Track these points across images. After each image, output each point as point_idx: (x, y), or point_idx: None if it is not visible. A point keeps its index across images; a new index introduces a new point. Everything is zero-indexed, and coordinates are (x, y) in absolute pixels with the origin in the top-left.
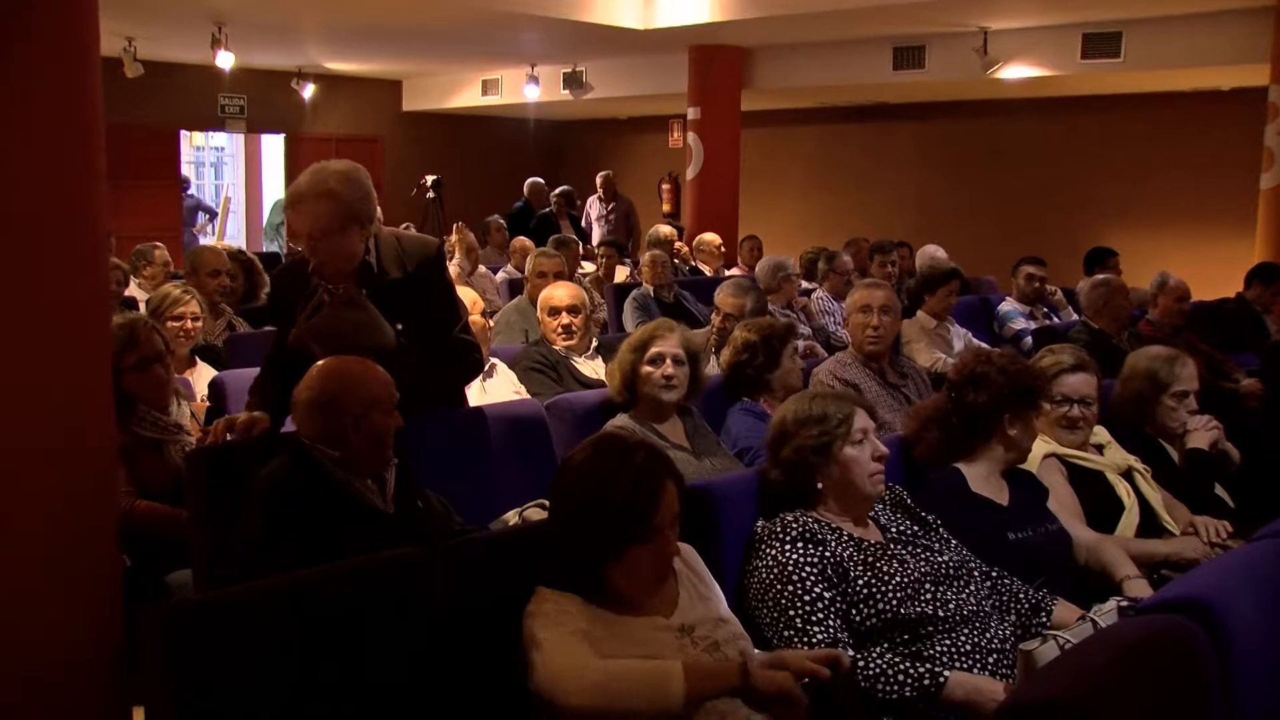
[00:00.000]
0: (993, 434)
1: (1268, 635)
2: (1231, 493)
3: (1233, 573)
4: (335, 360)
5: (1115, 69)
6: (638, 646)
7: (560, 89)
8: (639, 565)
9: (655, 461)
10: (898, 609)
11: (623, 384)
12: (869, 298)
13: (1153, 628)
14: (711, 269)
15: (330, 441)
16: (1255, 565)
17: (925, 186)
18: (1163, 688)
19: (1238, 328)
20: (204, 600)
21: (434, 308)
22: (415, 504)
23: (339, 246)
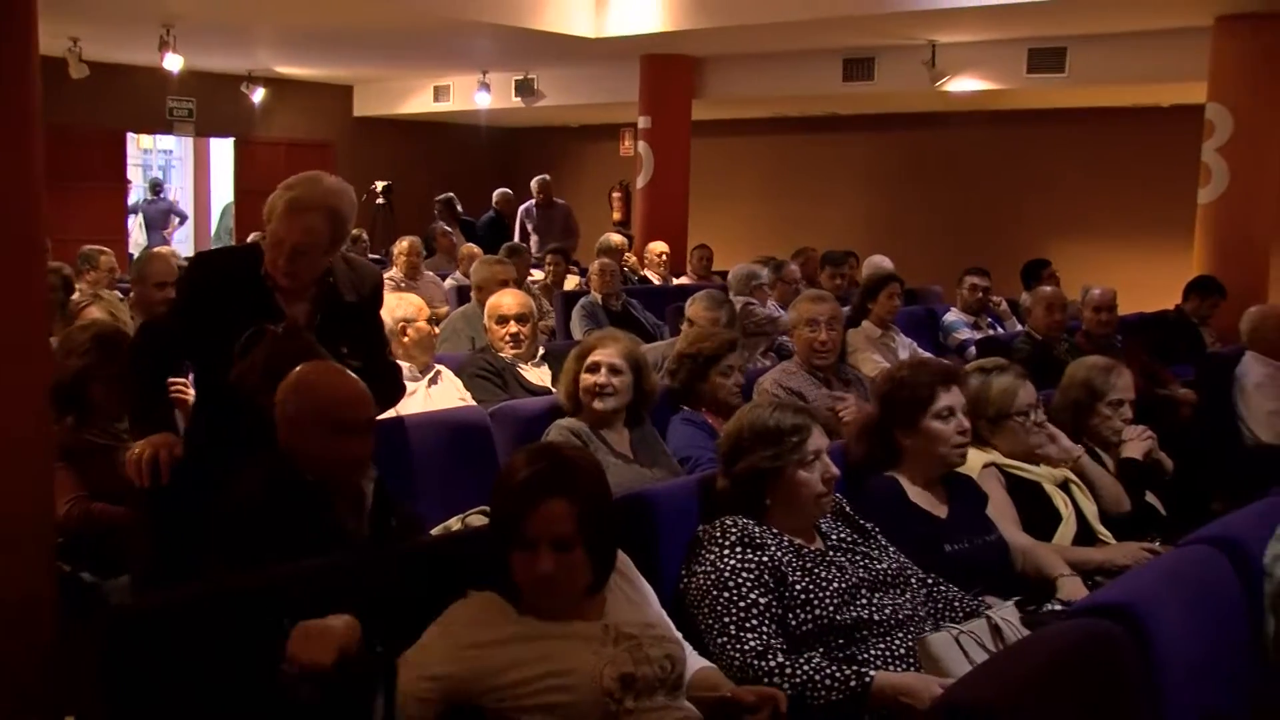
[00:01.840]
0: (898, 444)
1: (1191, 638)
2: (1163, 501)
3: (1158, 578)
4: (313, 370)
5: (1060, 84)
6: (554, 647)
7: (512, 96)
8: (522, 572)
9: (545, 478)
10: (834, 614)
11: (566, 392)
12: (816, 311)
13: (1079, 632)
14: (658, 278)
15: (302, 456)
16: (1181, 571)
17: (874, 197)
18: (1089, 690)
19: (1176, 339)
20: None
21: (376, 331)
22: (389, 523)
23: (318, 264)
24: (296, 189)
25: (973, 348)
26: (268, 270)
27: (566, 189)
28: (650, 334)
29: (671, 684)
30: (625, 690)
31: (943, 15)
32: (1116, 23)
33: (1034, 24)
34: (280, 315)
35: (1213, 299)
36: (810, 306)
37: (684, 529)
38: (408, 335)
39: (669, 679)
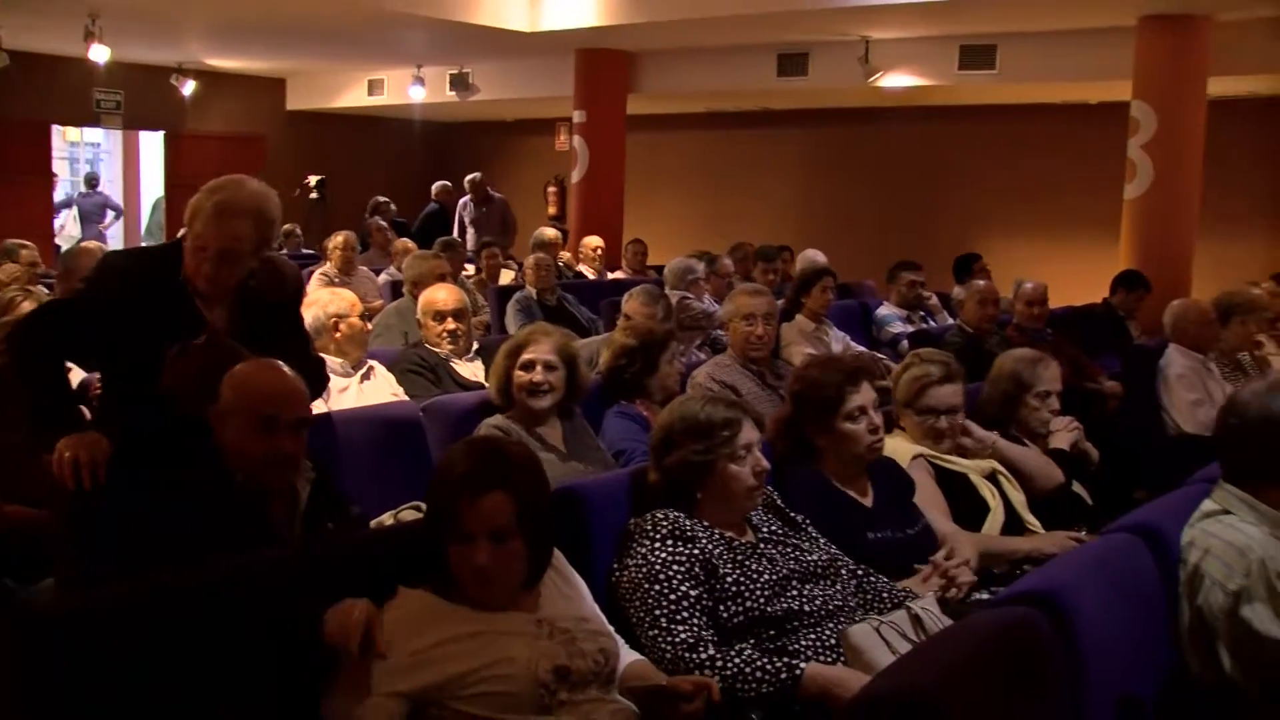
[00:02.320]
0: (813, 443)
1: (1112, 624)
2: (1090, 490)
3: (1081, 566)
4: (250, 366)
5: (990, 80)
6: (491, 639)
7: (446, 90)
8: (460, 566)
9: (483, 471)
10: (764, 606)
11: (497, 388)
12: (753, 306)
13: (1003, 619)
14: (593, 272)
15: (233, 454)
16: (1102, 558)
17: (808, 192)
18: (1011, 676)
19: (1103, 332)
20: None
21: (298, 329)
22: (326, 524)
23: (244, 269)
24: (221, 193)
25: (905, 341)
26: (188, 275)
27: (502, 184)
28: (585, 329)
29: (605, 677)
30: (560, 682)
31: (876, 12)
32: (1045, 21)
33: (965, 21)
34: (200, 319)
35: (1138, 293)
36: (747, 301)
37: (615, 522)
38: (340, 331)
39: (602, 672)
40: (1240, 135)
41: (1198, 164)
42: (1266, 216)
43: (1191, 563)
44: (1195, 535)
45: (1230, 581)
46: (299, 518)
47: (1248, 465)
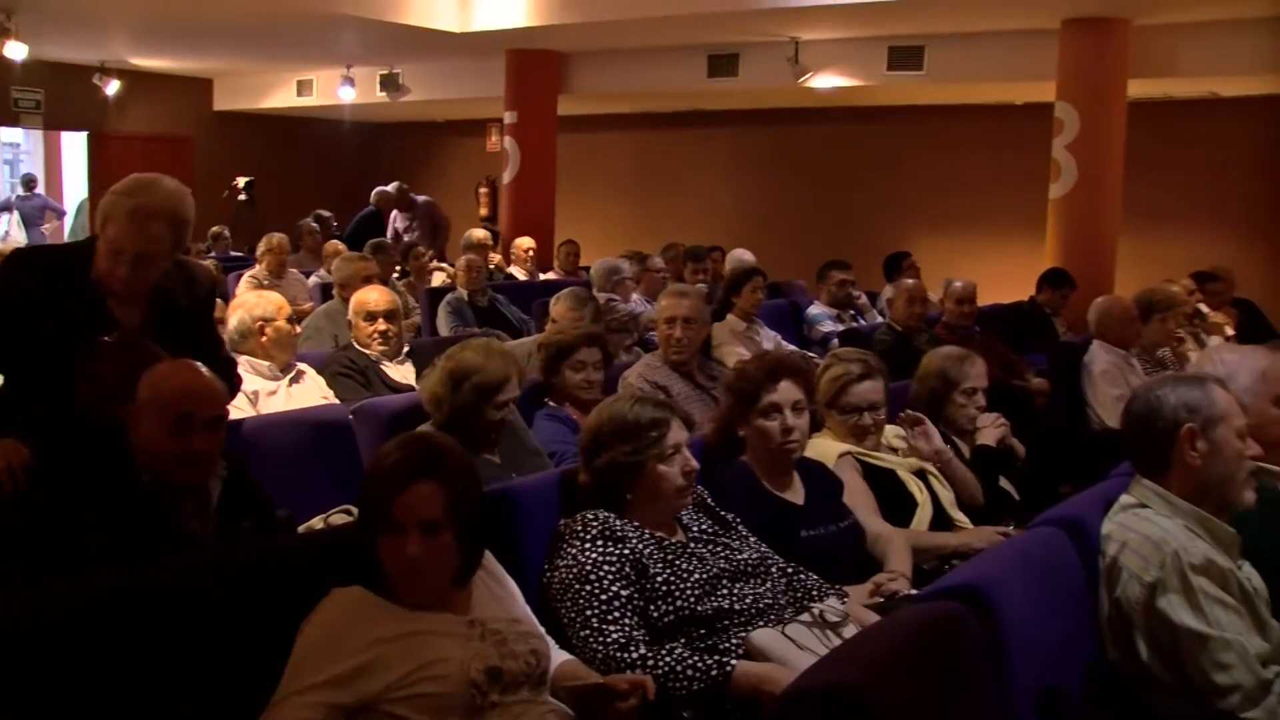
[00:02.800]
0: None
1: (1036, 617)
2: (1017, 485)
3: (1006, 560)
4: (165, 366)
5: (918, 81)
6: (424, 640)
7: (377, 91)
8: (390, 560)
9: (413, 462)
10: (695, 605)
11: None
12: (674, 309)
13: (929, 614)
14: (525, 273)
15: (145, 453)
16: (1027, 552)
17: (740, 192)
18: (938, 669)
19: (1030, 329)
20: None
21: (210, 331)
22: (242, 524)
23: (160, 270)
24: (138, 195)
25: (836, 340)
26: (100, 275)
27: (433, 185)
28: (517, 330)
29: (536, 679)
30: (492, 683)
31: (805, 13)
32: (971, 23)
33: (893, 23)
34: (111, 320)
35: (1064, 290)
36: (669, 303)
37: (546, 523)
38: (266, 335)
39: (534, 674)
40: (1160, 136)
41: (1119, 164)
42: (1186, 215)
43: (1110, 555)
44: (1113, 529)
45: (1146, 573)
46: (211, 516)
47: (1144, 457)
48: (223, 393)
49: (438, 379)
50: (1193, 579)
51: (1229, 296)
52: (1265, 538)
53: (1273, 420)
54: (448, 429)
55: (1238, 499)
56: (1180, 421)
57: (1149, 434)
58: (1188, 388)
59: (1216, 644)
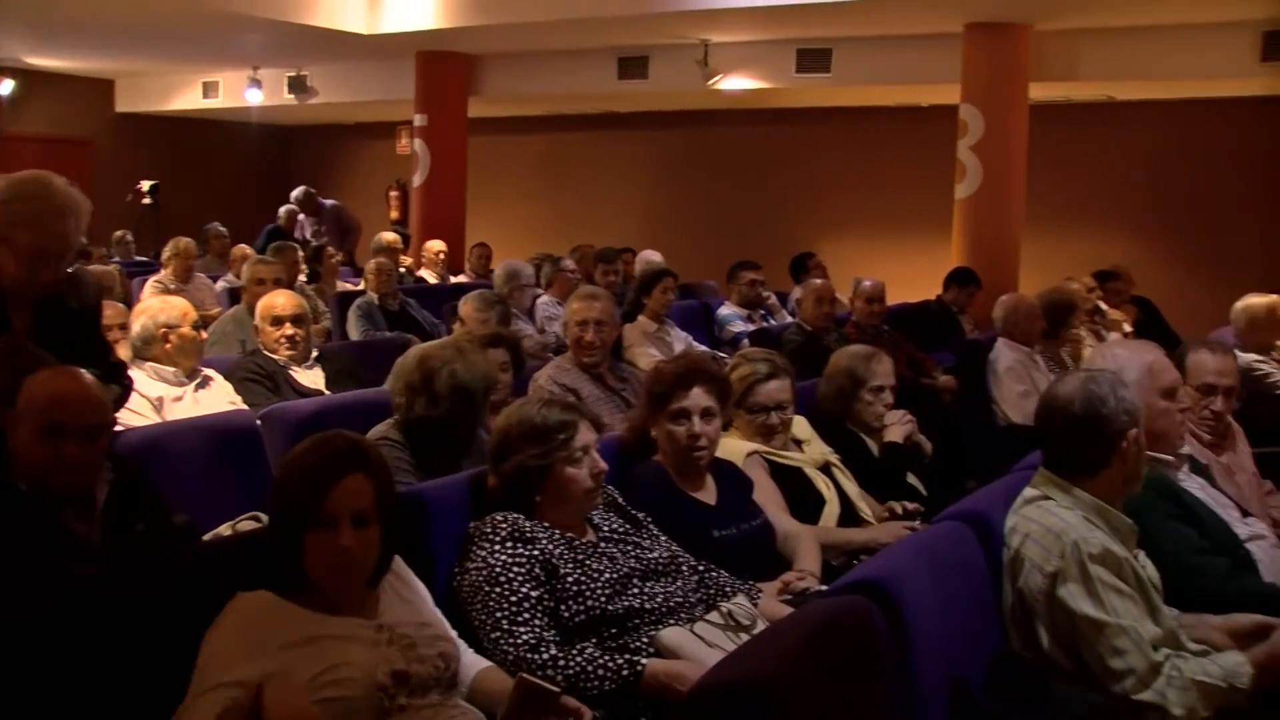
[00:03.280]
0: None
1: (940, 609)
2: (924, 481)
3: (910, 555)
4: (45, 373)
5: (826, 83)
6: (330, 644)
7: (284, 93)
8: (318, 555)
9: (343, 455)
10: (605, 604)
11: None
12: (585, 311)
13: (835, 609)
14: (436, 276)
15: (21, 460)
16: (931, 547)
17: (651, 194)
18: (845, 662)
19: (937, 327)
20: None
21: (98, 336)
22: (134, 529)
23: (65, 267)
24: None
25: (746, 340)
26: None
27: (343, 188)
28: (428, 333)
29: (446, 683)
30: (399, 686)
31: (714, 15)
32: (877, 26)
33: (801, 25)
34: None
35: (970, 289)
36: (580, 306)
37: (455, 526)
38: (170, 341)
39: (443, 678)
40: (1061, 138)
41: (1022, 164)
42: (1086, 215)
43: (1013, 547)
44: (1017, 521)
45: (1047, 564)
46: (97, 519)
47: (1065, 456)
48: (102, 401)
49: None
50: (1091, 568)
51: (1128, 295)
52: (1156, 526)
53: (1160, 412)
54: (428, 433)
55: (1136, 490)
56: (1124, 427)
57: (1091, 437)
58: (1123, 389)
59: (1112, 630)
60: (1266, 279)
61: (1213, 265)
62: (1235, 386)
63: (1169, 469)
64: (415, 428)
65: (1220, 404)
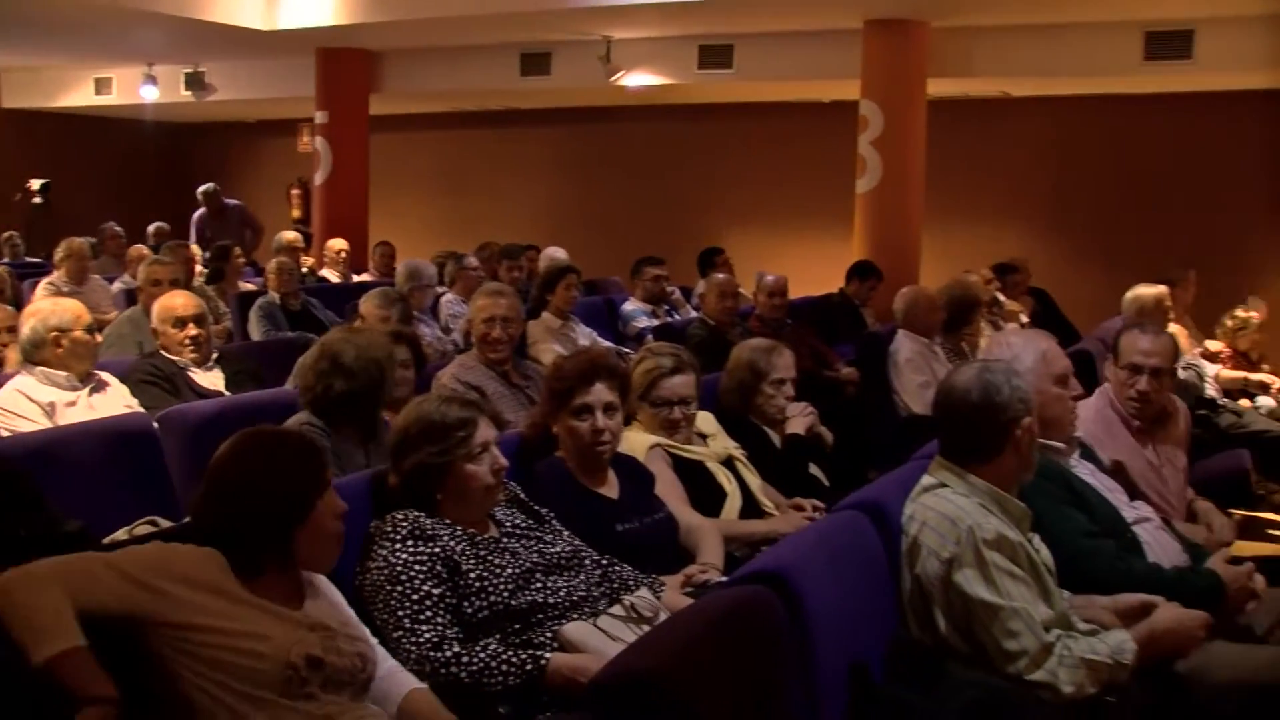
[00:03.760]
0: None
1: (839, 597)
2: (827, 472)
3: (809, 544)
4: None
5: (728, 79)
6: (253, 611)
7: (181, 90)
8: (310, 543)
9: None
10: (508, 600)
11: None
12: (491, 308)
13: (734, 599)
14: (338, 275)
15: None
16: (829, 536)
17: (556, 190)
18: (744, 652)
19: (840, 320)
20: None
21: None
22: (17, 533)
23: None
24: None
25: (650, 335)
26: None
27: (244, 186)
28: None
29: (361, 685)
30: (312, 671)
31: (616, 12)
32: (778, 23)
33: (703, 22)
34: None
35: (871, 282)
36: (486, 303)
37: (357, 526)
38: (62, 345)
39: (359, 678)
40: (958, 133)
41: (921, 159)
42: (984, 208)
43: (911, 534)
44: (915, 509)
45: (944, 550)
46: None
47: (961, 443)
48: None
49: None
50: (986, 554)
51: (1025, 287)
52: (1047, 511)
53: (1053, 399)
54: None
55: (1030, 477)
56: (1018, 415)
57: (986, 425)
58: (1018, 378)
59: (1006, 613)
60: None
61: (1104, 257)
62: (1165, 369)
63: (1060, 455)
64: (333, 406)
65: (1145, 384)
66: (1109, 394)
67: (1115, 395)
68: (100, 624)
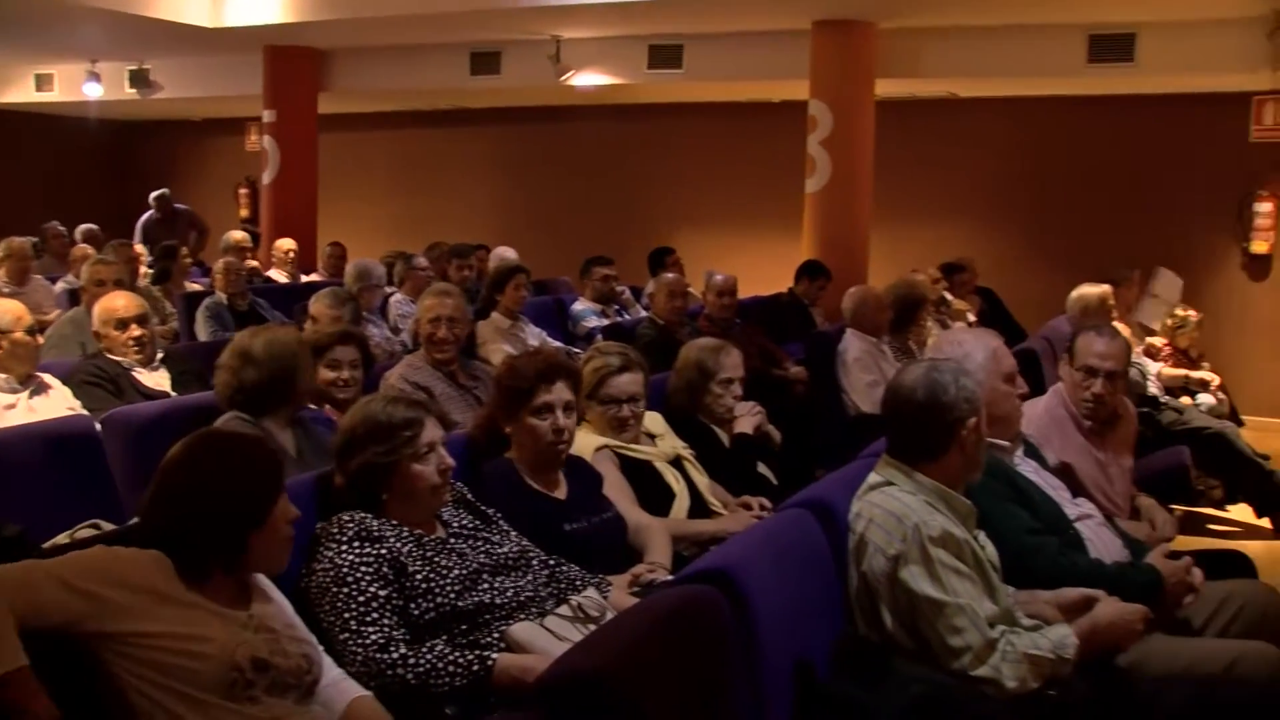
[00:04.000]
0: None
1: (784, 596)
2: (775, 471)
3: (754, 543)
4: None
5: (678, 79)
6: (197, 612)
7: (126, 87)
8: (264, 548)
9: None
10: (455, 601)
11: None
12: (438, 309)
13: (680, 598)
14: (286, 275)
15: None
16: (775, 534)
17: (506, 190)
18: (689, 650)
19: (789, 319)
20: None
21: None
22: None
23: None
24: None
25: (600, 335)
26: None
27: (191, 186)
28: None
29: (305, 688)
30: (256, 673)
31: (566, 11)
32: (727, 23)
33: (653, 22)
34: None
35: (820, 281)
36: (432, 303)
37: (303, 527)
38: (2, 347)
39: (304, 681)
40: (907, 133)
41: (870, 159)
42: (932, 208)
43: (858, 531)
44: (862, 506)
45: (890, 547)
46: None
47: (908, 441)
48: None
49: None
50: (931, 550)
51: (972, 286)
52: (991, 508)
53: (1002, 396)
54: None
55: (976, 477)
56: (964, 415)
57: (932, 423)
58: (965, 378)
59: (951, 610)
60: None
61: (1050, 256)
62: (1119, 372)
63: (1004, 453)
64: (251, 397)
65: (1099, 387)
66: (1062, 394)
67: (1069, 396)
68: (40, 632)
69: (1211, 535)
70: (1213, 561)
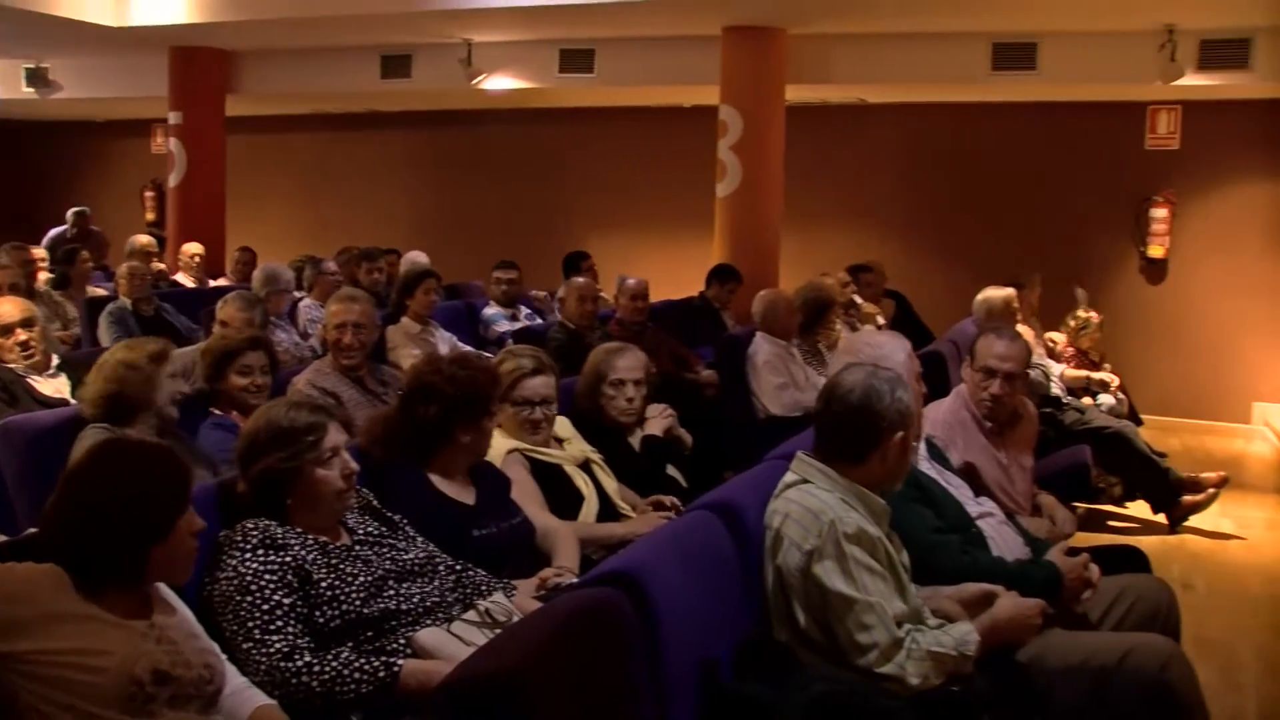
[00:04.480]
0: (448, 442)
1: (689, 596)
2: (685, 473)
3: (659, 545)
4: None
5: (590, 84)
6: (94, 625)
7: (23, 87)
8: (166, 561)
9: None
10: (361, 608)
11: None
12: (344, 314)
13: (584, 601)
14: (193, 280)
15: None
16: (680, 536)
17: (416, 194)
18: (593, 653)
19: (701, 323)
20: None
21: None
22: None
23: None
24: None
25: (510, 339)
26: None
27: (95, 189)
28: (185, 338)
29: (208, 699)
30: (157, 685)
31: (477, 15)
32: (638, 28)
33: (563, 26)
34: None
35: (731, 285)
36: (339, 308)
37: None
38: None
39: (206, 692)
40: (816, 138)
41: (780, 164)
42: (842, 212)
43: (774, 527)
44: (778, 504)
45: (805, 542)
46: None
47: (834, 439)
48: None
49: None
50: (846, 547)
51: (881, 288)
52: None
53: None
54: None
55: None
56: (893, 425)
57: (862, 427)
58: (903, 391)
59: (861, 607)
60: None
61: (957, 260)
62: (1018, 373)
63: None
64: (108, 410)
65: (998, 388)
66: (964, 395)
67: (969, 397)
68: None
69: (1111, 531)
70: (1109, 557)
